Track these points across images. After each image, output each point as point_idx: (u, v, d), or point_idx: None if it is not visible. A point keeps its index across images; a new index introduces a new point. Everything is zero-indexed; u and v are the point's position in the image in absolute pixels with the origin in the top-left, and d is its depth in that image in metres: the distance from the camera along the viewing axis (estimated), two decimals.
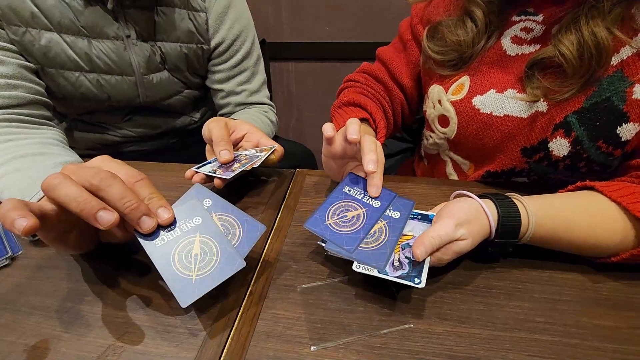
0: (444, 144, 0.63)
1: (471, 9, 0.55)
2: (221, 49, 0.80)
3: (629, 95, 0.45)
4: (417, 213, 0.45)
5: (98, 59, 0.70)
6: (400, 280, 0.37)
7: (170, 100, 0.82)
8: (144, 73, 0.74)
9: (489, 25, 0.55)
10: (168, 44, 0.74)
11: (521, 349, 0.36)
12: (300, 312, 0.40)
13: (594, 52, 0.45)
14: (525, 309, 0.39)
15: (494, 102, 0.54)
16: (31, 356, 0.36)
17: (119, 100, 0.76)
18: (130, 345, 0.36)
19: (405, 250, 0.41)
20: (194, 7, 0.74)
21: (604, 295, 0.41)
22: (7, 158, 0.55)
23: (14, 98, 0.62)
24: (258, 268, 0.45)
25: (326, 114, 0.70)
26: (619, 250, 0.42)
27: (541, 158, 0.52)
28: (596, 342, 0.36)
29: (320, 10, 1.52)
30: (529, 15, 0.53)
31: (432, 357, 0.35)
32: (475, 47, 0.56)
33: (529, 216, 0.41)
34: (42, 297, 0.41)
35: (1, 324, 0.39)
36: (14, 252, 0.47)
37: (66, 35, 0.66)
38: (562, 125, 0.49)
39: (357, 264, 0.39)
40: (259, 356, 0.36)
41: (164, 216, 0.38)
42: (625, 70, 0.46)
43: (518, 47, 0.53)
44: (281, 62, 1.66)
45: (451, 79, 0.59)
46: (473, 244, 0.40)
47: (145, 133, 0.85)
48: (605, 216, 0.42)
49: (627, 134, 0.47)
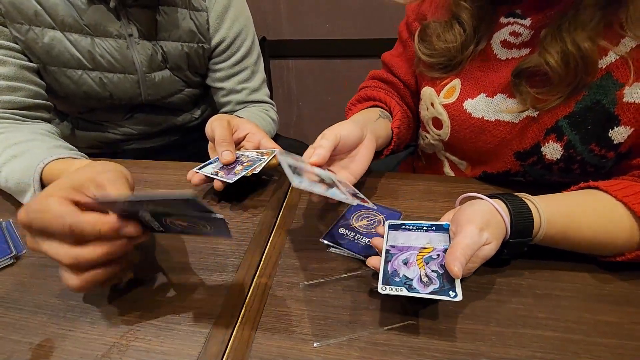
0: (439, 144, 0.64)
1: (458, 13, 0.54)
2: (222, 47, 0.80)
3: (620, 98, 0.45)
4: (430, 224, 0.43)
5: (101, 57, 0.70)
6: (435, 296, 0.35)
7: (172, 99, 0.82)
8: (146, 72, 0.75)
9: (477, 30, 0.54)
10: (170, 43, 0.74)
11: (523, 345, 0.36)
12: (303, 309, 0.40)
13: (580, 61, 0.44)
14: (528, 305, 0.40)
15: (484, 106, 0.54)
16: (36, 354, 0.36)
17: (121, 99, 0.76)
18: (134, 343, 0.37)
19: (430, 264, 0.39)
20: (195, 7, 0.74)
21: (606, 291, 0.41)
22: (1, 148, 0.54)
23: (13, 103, 0.62)
24: (261, 265, 0.45)
25: (327, 111, 0.70)
26: (625, 248, 0.42)
27: (535, 162, 0.53)
28: (598, 338, 0.36)
29: (320, 7, 1.52)
30: (517, 17, 0.53)
31: (435, 353, 0.35)
32: (465, 53, 0.55)
33: (540, 214, 0.40)
34: (47, 296, 0.42)
35: (6, 322, 0.39)
36: (18, 252, 0.47)
37: (69, 34, 0.66)
38: (553, 130, 0.49)
39: (382, 285, 0.37)
40: (263, 353, 0.36)
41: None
42: (614, 73, 0.45)
43: (508, 51, 0.53)
44: (281, 60, 1.66)
45: (442, 81, 0.59)
46: (497, 247, 0.39)
47: (146, 131, 0.85)
48: (613, 215, 0.42)
49: (619, 137, 0.47)
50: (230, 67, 0.82)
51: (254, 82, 0.86)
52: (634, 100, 0.45)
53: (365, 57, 1.56)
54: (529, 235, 0.40)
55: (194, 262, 0.45)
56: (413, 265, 0.38)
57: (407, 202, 0.54)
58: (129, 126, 0.83)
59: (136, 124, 0.84)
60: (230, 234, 0.35)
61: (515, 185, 0.57)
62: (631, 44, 0.44)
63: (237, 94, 0.84)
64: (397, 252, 0.40)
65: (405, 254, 0.40)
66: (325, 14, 1.53)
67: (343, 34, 1.55)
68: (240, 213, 0.54)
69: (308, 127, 1.83)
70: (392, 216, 0.51)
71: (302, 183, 0.38)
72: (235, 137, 0.58)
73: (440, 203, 0.54)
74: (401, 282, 0.37)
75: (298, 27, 1.57)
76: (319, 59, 1.64)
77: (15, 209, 0.55)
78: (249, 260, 0.46)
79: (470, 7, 0.54)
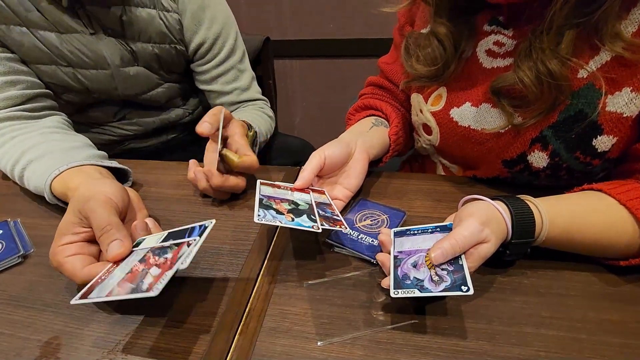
0: (430, 149, 0.64)
1: (436, 29, 0.54)
2: (203, 50, 0.78)
3: (602, 107, 0.45)
4: (434, 226, 0.43)
5: (70, 54, 0.69)
6: (447, 293, 0.35)
7: (152, 93, 0.80)
8: (119, 66, 0.73)
9: (458, 45, 0.53)
10: (139, 44, 0.73)
11: (527, 344, 0.36)
12: (307, 308, 0.40)
13: (552, 80, 0.44)
14: (531, 303, 0.39)
15: (470, 115, 0.54)
16: (44, 352, 0.37)
17: (99, 92, 0.75)
18: (140, 340, 0.37)
19: None
20: (164, 7, 0.72)
21: (610, 290, 0.41)
22: (18, 154, 0.56)
23: (15, 98, 0.62)
24: (265, 265, 0.46)
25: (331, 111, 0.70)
26: (629, 251, 0.41)
27: (522, 169, 0.53)
28: (603, 337, 0.36)
29: (323, 7, 1.52)
30: (500, 26, 0.52)
31: (438, 352, 0.35)
32: (449, 69, 0.54)
33: (541, 215, 0.40)
34: (54, 294, 0.42)
35: (15, 320, 0.40)
36: (26, 251, 0.48)
37: (35, 30, 0.65)
38: (538, 140, 0.49)
39: (394, 289, 0.37)
40: (267, 351, 0.36)
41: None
42: (595, 83, 0.44)
43: (493, 60, 0.52)
44: (285, 60, 1.66)
45: (429, 88, 0.59)
46: (495, 246, 0.39)
47: (140, 130, 0.84)
48: (616, 217, 0.42)
49: (602, 146, 0.46)
50: (214, 67, 0.80)
51: (243, 81, 0.84)
52: (615, 109, 0.44)
53: (369, 57, 1.56)
54: (531, 236, 0.40)
55: (199, 262, 0.46)
56: (422, 266, 0.39)
57: (411, 202, 0.54)
58: (121, 127, 0.83)
59: (129, 125, 0.83)
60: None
61: (516, 188, 0.56)
62: (607, 58, 0.44)
63: (228, 95, 0.83)
64: (405, 256, 0.41)
65: (414, 257, 0.40)
66: (329, 14, 1.53)
67: (347, 33, 1.55)
68: (244, 212, 0.54)
69: (312, 127, 1.83)
70: (396, 216, 0.51)
71: (266, 217, 0.41)
72: (224, 132, 0.55)
73: (444, 202, 0.54)
74: (412, 284, 0.37)
75: (302, 27, 1.58)
76: (323, 59, 1.64)
77: (23, 209, 0.56)
78: (253, 259, 0.46)
79: (448, 23, 0.53)
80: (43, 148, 0.56)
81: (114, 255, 0.38)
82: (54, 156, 0.54)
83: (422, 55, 0.56)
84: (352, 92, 0.78)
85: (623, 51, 0.41)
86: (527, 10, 0.47)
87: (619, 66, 0.43)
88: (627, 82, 0.43)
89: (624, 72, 0.43)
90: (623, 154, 0.48)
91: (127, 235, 0.40)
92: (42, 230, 0.51)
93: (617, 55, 0.43)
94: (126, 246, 0.39)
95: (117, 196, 0.43)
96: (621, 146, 0.47)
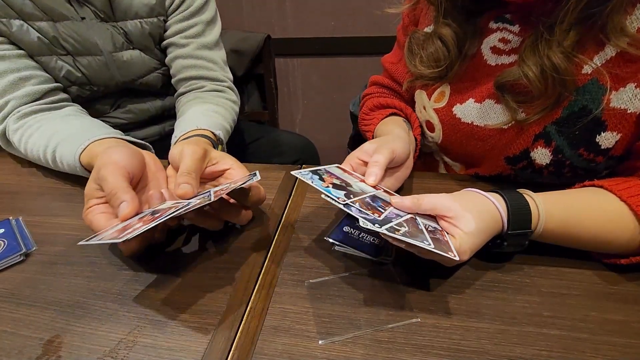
0: (433, 146, 0.64)
1: (440, 31, 0.53)
2: (174, 5, 0.76)
3: (606, 103, 0.45)
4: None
5: (65, 41, 0.69)
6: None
7: (148, 78, 0.80)
8: (111, 51, 0.73)
9: (462, 45, 0.53)
10: (130, 22, 0.73)
11: (529, 344, 0.36)
12: (308, 306, 0.40)
13: (556, 75, 0.44)
14: (533, 303, 0.39)
15: (473, 112, 0.54)
16: (45, 350, 0.37)
17: (98, 83, 0.75)
18: (141, 339, 0.37)
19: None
20: None
21: (612, 289, 0.41)
22: (46, 140, 0.59)
23: (32, 94, 0.64)
24: (266, 263, 0.46)
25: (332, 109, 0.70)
26: (629, 248, 0.41)
27: (525, 166, 0.52)
28: (605, 337, 0.36)
29: (325, 5, 1.52)
30: (506, 23, 0.52)
31: (440, 351, 0.35)
32: (453, 69, 0.54)
33: (537, 205, 0.40)
34: (56, 292, 0.42)
35: (17, 318, 0.40)
36: (28, 249, 0.48)
37: (32, 22, 0.66)
38: (542, 136, 0.49)
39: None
40: (268, 350, 0.36)
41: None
42: (600, 79, 0.44)
43: (497, 57, 0.52)
44: (286, 58, 1.66)
45: (432, 85, 0.59)
46: (473, 220, 0.38)
47: (135, 119, 0.84)
48: (616, 214, 0.41)
49: (606, 142, 0.46)
50: (180, 21, 0.77)
51: (207, 39, 0.80)
52: (619, 105, 0.44)
53: (370, 55, 1.56)
54: (528, 226, 0.40)
55: (200, 260, 0.46)
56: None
57: None
58: (116, 116, 0.82)
59: (124, 112, 0.82)
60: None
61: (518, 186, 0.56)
62: (611, 54, 0.44)
63: (182, 49, 0.77)
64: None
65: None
66: (331, 12, 1.53)
67: (348, 31, 1.55)
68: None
69: (313, 125, 1.83)
70: None
71: (304, 175, 0.43)
72: (209, 170, 0.49)
73: None
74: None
75: (303, 25, 1.57)
76: (325, 57, 1.64)
77: (25, 207, 0.56)
78: (255, 258, 0.46)
79: (454, 24, 0.52)
80: (67, 131, 0.59)
81: (123, 215, 0.40)
82: (77, 135, 0.56)
83: (426, 56, 0.56)
84: (354, 90, 0.77)
85: (628, 47, 0.41)
86: (538, 6, 0.47)
87: (623, 62, 0.43)
88: (631, 78, 0.43)
89: (628, 68, 0.43)
90: (627, 152, 0.48)
91: (134, 196, 0.42)
92: (44, 229, 0.51)
93: (622, 51, 0.43)
94: (132, 206, 0.41)
95: (127, 161, 0.45)
96: (625, 143, 0.47)
